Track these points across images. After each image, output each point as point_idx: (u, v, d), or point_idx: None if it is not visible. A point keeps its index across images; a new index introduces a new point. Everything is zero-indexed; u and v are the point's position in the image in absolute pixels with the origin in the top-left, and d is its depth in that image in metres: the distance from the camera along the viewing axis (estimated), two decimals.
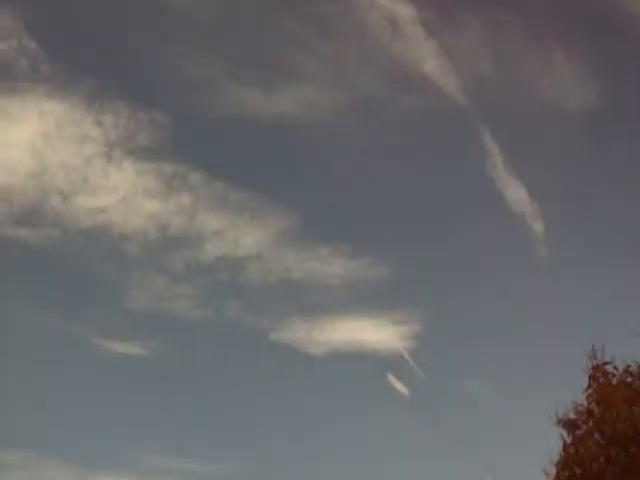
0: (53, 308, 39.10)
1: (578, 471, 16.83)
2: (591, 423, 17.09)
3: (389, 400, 36.69)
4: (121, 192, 38.87)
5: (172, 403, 38.17)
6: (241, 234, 39.78)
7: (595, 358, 17.65)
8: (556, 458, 17.24)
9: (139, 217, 39.38)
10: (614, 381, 17.38)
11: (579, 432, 17.21)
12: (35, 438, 35.45)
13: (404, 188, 40.38)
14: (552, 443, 17.40)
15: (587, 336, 18.94)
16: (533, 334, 36.83)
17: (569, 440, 17.23)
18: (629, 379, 17.38)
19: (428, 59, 38.16)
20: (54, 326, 38.36)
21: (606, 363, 17.58)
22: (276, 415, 37.96)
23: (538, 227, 37.58)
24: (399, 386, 36.28)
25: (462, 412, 36.30)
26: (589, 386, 17.48)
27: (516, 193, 37.49)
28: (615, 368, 17.52)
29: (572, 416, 17.38)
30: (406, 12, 37.95)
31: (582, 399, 17.46)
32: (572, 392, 17.65)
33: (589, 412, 17.21)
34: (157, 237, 39.45)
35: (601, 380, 17.42)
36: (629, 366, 17.47)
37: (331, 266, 39.34)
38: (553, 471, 17.24)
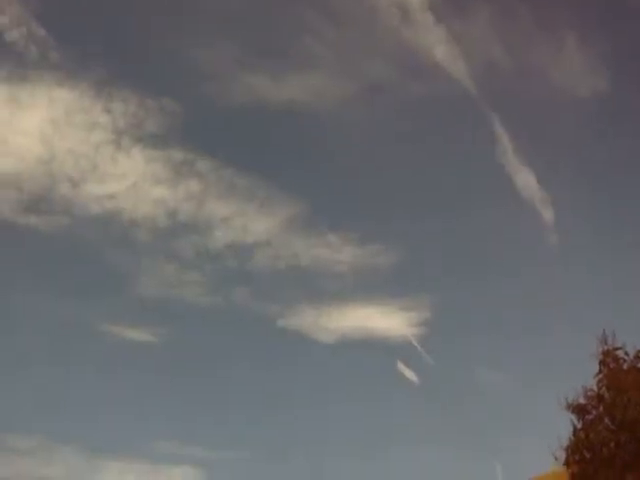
0: (63, 295, 39.30)
1: (588, 455, 16.86)
2: (601, 408, 17.10)
3: (398, 387, 36.79)
4: (130, 179, 39.01)
5: (181, 389, 38.39)
6: (250, 221, 39.89)
7: (606, 343, 17.63)
8: (566, 443, 17.28)
9: (148, 204, 39.52)
10: (625, 366, 17.36)
11: (589, 417, 17.22)
12: (47, 424, 35.74)
13: (413, 175, 40.40)
14: (562, 428, 17.45)
15: (597, 322, 18.90)
16: (543, 320, 36.87)
17: (579, 425, 17.26)
18: None
19: (437, 45, 38.07)
20: (64, 312, 38.54)
21: (617, 348, 17.55)
22: (284, 401, 38.11)
23: (548, 215, 37.53)
24: (408, 373, 36.34)
25: (471, 398, 36.39)
26: (599, 371, 17.47)
27: (525, 180, 37.44)
28: (626, 353, 17.50)
29: (582, 401, 17.39)
30: None
31: (592, 384, 17.49)
32: (582, 377, 17.69)
33: (599, 397, 17.20)
34: (166, 224, 39.58)
35: (612, 365, 17.39)
36: None
37: (339, 253, 39.41)
38: (563, 456, 17.28)
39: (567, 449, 17.20)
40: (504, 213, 38.71)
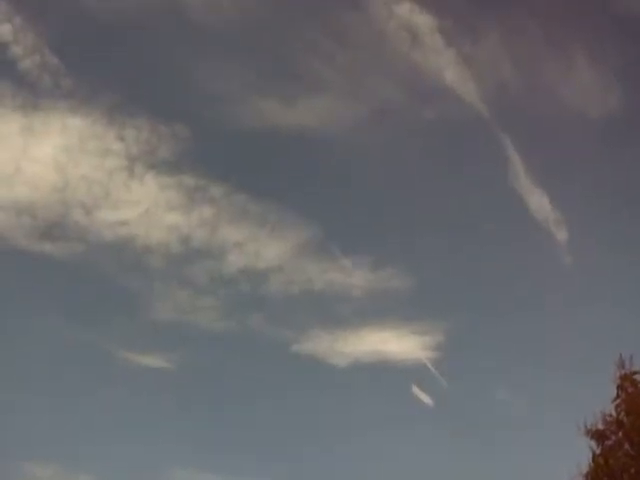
0: (77, 321, 39.30)
1: None
2: (620, 433, 16.86)
3: (413, 410, 36.56)
4: (143, 205, 39.13)
5: (195, 415, 38.24)
6: (262, 246, 39.86)
7: (623, 367, 17.43)
8: (585, 469, 17.03)
9: (161, 230, 39.58)
10: None
11: (608, 443, 16.98)
12: (63, 452, 35.62)
13: (424, 198, 40.31)
14: (581, 454, 17.20)
15: (614, 345, 18.72)
16: (559, 343, 36.53)
17: (598, 451, 16.99)
18: None
19: (447, 68, 38.15)
20: (78, 339, 38.53)
21: (635, 372, 17.34)
22: (299, 427, 37.89)
23: (561, 235, 37.38)
24: (423, 396, 36.14)
25: (487, 421, 36.11)
26: (617, 396, 17.25)
27: (538, 201, 37.32)
28: None
29: (601, 426, 17.15)
30: (425, 21, 37.99)
31: (611, 409, 17.25)
32: (600, 401, 17.47)
33: (618, 422, 16.97)
34: (179, 249, 39.60)
35: (630, 390, 17.17)
36: None
37: (353, 277, 39.29)
38: None
39: (586, 475, 16.96)
40: (517, 235, 38.64)
